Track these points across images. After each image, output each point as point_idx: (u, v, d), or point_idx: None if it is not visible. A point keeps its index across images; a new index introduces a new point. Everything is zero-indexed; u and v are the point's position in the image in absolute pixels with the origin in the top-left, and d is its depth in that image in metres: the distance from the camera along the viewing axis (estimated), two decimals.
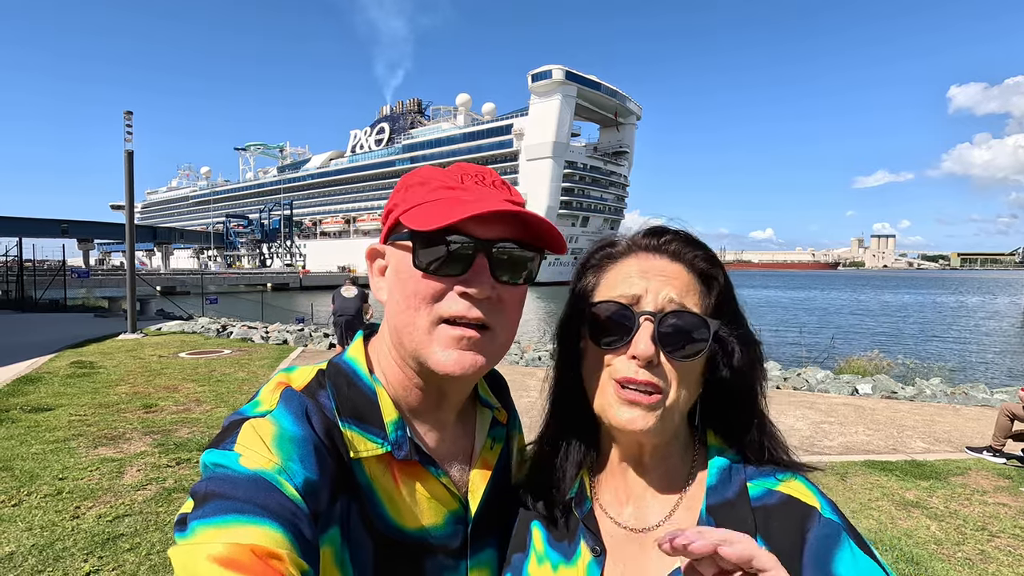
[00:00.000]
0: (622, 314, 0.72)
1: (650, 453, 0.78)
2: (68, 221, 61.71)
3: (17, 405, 6.98)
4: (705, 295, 0.74)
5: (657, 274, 0.73)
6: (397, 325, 0.73)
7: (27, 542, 3.59)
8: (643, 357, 0.69)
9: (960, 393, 9.37)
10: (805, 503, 0.68)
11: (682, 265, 0.75)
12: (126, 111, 15.15)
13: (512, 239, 0.71)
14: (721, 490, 0.73)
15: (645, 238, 0.78)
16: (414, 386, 0.77)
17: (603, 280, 0.78)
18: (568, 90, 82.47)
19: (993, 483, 5.24)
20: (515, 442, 0.95)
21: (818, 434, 6.84)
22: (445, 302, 0.70)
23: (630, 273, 0.75)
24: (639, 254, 0.77)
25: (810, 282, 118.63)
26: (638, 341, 0.70)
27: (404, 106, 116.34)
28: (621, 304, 0.72)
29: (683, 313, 0.71)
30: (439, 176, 0.74)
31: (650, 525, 0.76)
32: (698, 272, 0.75)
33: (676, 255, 0.75)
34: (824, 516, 0.66)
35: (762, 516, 0.69)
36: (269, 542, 0.55)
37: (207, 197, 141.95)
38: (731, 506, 0.71)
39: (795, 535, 0.66)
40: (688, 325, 0.71)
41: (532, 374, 10.52)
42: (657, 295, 0.72)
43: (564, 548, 0.79)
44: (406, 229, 0.71)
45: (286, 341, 14.10)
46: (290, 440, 0.65)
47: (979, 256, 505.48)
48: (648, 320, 0.70)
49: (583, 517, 0.79)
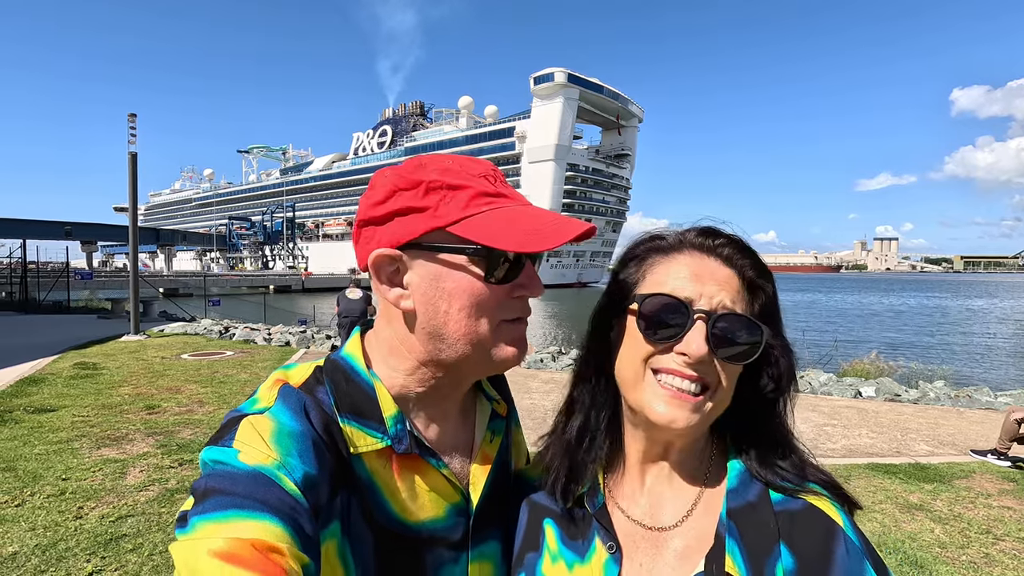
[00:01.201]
0: (676, 309, 0.71)
1: (676, 452, 0.77)
2: (72, 223, 62.03)
3: (21, 406, 7.00)
4: (750, 304, 0.73)
5: (710, 276, 0.72)
6: (453, 332, 0.72)
7: (30, 542, 3.59)
8: (695, 356, 0.68)
9: (964, 396, 9.33)
10: (829, 516, 0.67)
11: (733, 271, 0.74)
12: (130, 113, 15.26)
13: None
14: (742, 493, 0.72)
15: (698, 237, 0.76)
16: (430, 382, 0.77)
17: (650, 273, 0.76)
18: (570, 93, 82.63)
19: (998, 486, 5.21)
20: (513, 435, 0.95)
21: (821, 437, 6.82)
22: (506, 305, 0.73)
23: (682, 271, 0.73)
24: (692, 252, 0.75)
25: (813, 285, 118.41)
26: (691, 340, 0.69)
27: (406, 109, 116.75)
28: (676, 299, 0.71)
29: (737, 316, 0.70)
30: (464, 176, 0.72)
31: (665, 525, 0.75)
32: (746, 280, 0.74)
33: (728, 259, 0.74)
34: (848, 537, 0.65)
35: (785, 521, 0.68)
36: (269, 536, 0.55)
37: (210, 199, 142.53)
38: (752, 509, 0.70)
39: (821, 548, 0.65)
40: (741, 328, 0.70)
41: (534, 376, 10.52)
42: (711, 296, 0.71)
43: (578, 546, 0.78)
44: (461, 242, 0.70)
45: (288, 343, 14.13)
46: (288, 436, 0.65)
47: (982, 259, 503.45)
48: (702, 319, 0.69)
49: (596, 512, 0.79)
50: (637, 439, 0.79)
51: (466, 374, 0.78)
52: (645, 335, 0.72)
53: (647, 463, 0.79)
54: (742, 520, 0.70)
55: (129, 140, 14.88)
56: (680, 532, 0.75)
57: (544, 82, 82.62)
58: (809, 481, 0.72)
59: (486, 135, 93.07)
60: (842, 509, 0.69)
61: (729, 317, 0.70)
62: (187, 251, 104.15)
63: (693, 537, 0.73)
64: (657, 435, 0.76)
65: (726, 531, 0.70)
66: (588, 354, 0.82)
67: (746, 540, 0.69)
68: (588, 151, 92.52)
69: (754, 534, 0.69)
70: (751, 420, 0.76)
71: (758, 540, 0.68)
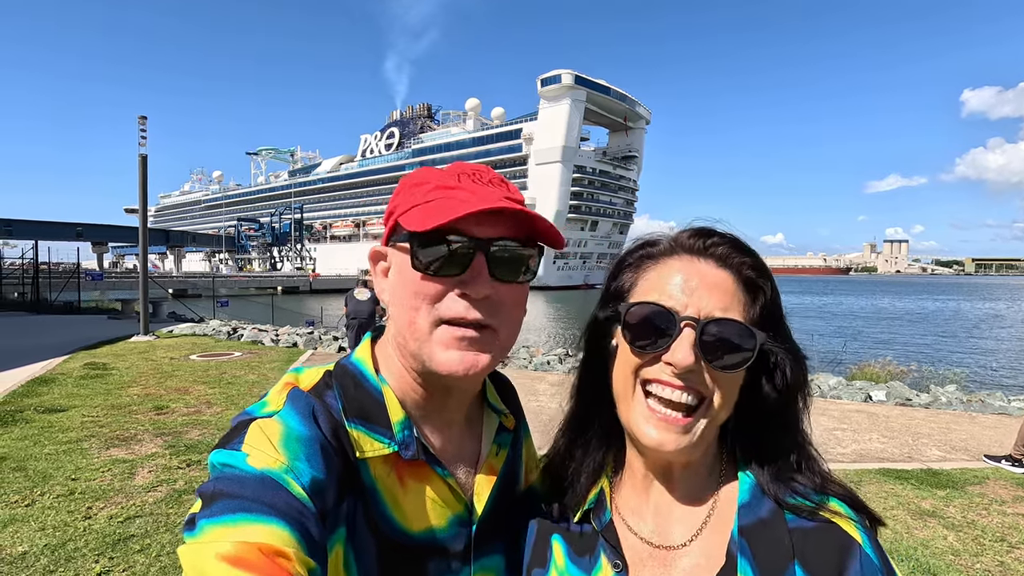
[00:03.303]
0: (662, 317, 0.67)
1: (680, 468, 0.74)
2: (83, 224, 62.83)
3: (31, 406, 7.07)
4: (750, 305, 0.69)
5: (701, 279, 0.69)
6: (399, 326, 0.73)
7: (40, 542, 3.62)
8: (681, 365, 0.65)
9: (977, 401, 9.22)
10: (847, 532, 0.64)
11: (728, 271, 0.70)
12: (140, 116, 15.37)
13: (510, 237, 0.70)
14: (755, 509, 0.69)
15: (691, 239, 0.73)
16: (419, 386, 0.76)
17: (642, 280, 0.73)
18: (577, 94, 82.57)
19: (1012, 493, 5.13)
20: (523, 448, 0.93)
21: (831, 441, 6.75)
22: (445, 303, 0.69)
23: (672, 275, 0.70)
24: (683, 256, 0.72)
25: (822, 287, 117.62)
26: (676, 348, 0.66)
27: (414, 111, 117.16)
28: (662, 307, 0.68)
29: (727, 321, 0.66)
30: (436, 176, 0.74)
31: (674, 543, 0.72)
32: (744, 280, 0.70)
33: (723, 260, 0.70)
34: (866, 553, 0.62)
35: (800, 539, 0.65)
36: (277, 540, 0.55)
37: (219, 201, 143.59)
38: (765, 525, 0.67)
39: (836, 566, 0.62)
40: (732, 334, 0.66)
41: (542, 378, 10.49)
42: (700, 301, 0.67)
43: (585, 563, 0.76)
44: (405, 231, 0.70)
45: (296, 344, 14.19)
46: (297, 440, 0.65)
47: (994, 261, 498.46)
48: (690, 326, 0.66)
49: (602, 529, 0.76)
50: (640, 455, 0.76)
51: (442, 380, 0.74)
52: (632, 346, 0.69)
53: (653, 479, 0.76)
54: (754, 538, 0.67)
55: (139, 142, 15.00)
56: (689, 551, 0.71)
57: (551, 84, 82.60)
58: (828, 496, 0.68)
59: (493, 137, 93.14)
60: (861, 526, 0.65)
61: (720, 323, 0.66)
62: (196, 252, 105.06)
63: (703, 556, 0.70)
64: (652, 454, 0.73)
65: (738, 550, 0.67)
66: (584, 368, 0.80)
67: (759, 559, 0.66)
68: (595, 153, 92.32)
69: (767, 552, 0.65)
70: (761, 431, 0.72)
71: (771, 559, 0.65)
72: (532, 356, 12.79)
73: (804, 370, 0.72)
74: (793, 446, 0.72)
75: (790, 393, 0.71)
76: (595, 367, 0.78)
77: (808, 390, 0.73)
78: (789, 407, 0.72)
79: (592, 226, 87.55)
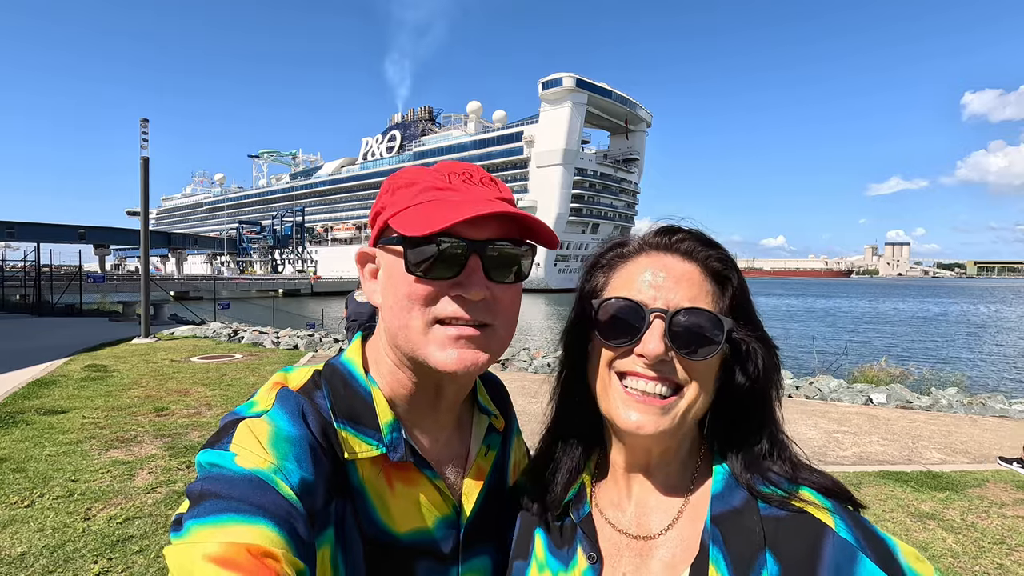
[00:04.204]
0: (632, 311, 0.69)
1: (657, 458, 0.75)
2: (86, 227, 62.92)
3: (32, 407, 7.08)
4: (719, 296, 0.71)
5: (668, 272, 0.71)
6: (392, 327, 0.73)
7: (39, 543, 3.62)
8: (651, 356, 0.67)
9: (977, 403, 9.18)
10: (818, 519, 0.64)
11: (695, 264, 0.72)
12: (142, 119, 15.40)
13: (503, 238, 0.70)
14: (728, 498, 0.70)
15: (656, 236, 0.75)
16: (411, 386, 0.76)
17: (613, 279, 0.76)
18: (578, 97, 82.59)
19: (1012, 495, 5.11)
20: (513, 450, 0.93)
21: (831, 444, 6.73)
22: (440, 304, 0.69)
23: (640, 271, 0.72)
24: (650, 253, 0.74)
25: (823, 290, 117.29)
26: (647, 340, 0.68)
27: (415, 113, 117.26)
28: (631, 301, 0.70)
29: (695, 311, 0.68)
30: (426, 176, 0.73)
31: (652, 533, 0.74)
32: (711, 272, 0.72)
33: (689, 254, 0.73)
34: (839, 536, 0.62)
35: (772, 528, 0.65)
36: (265, 541, 0.55)
37: (221, 204, 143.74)
38: (737, 515, 0.68)
39: (808, 552, 0.62)
40: (701, 323, 0.68)
41: (545, 380, 10.48)
42: (668, 294, 0.69)
43: (563, 555, 0.77)
44: (396, 234, 0.70)
45: (296, 346, 14.18)
46: (286, 440, 0.65)
47: (996, 264, 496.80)
48: (659, 317, 0.68)
49: (580, 521, 0.77)
50: (619, 448, 0.78)
51: (435, 379, 0.74)
52: (604, 341, 0.71)
53: (632, 471, 0.77)
54: (727, 527, 0.67)
55: (141, 145, 15.03)
56: (666, 540, 0.73)
57: (552, 87, 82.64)
58: (800, 484, 0.69)
59: (494, 140, 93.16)
60: (836, 511, 0.66)
61: (688, 312, 0.68)
62: (198, 255, 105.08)
63: (679, 546, 0.71)
64: (632, 442, 0.74)
65: (710, 539, 0.68)
66: (564, 368, 0.81)
67: (730, 548, 0.66)
68: (596, 156, 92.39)
69: (739, 541, 0.66)
70: (735, 421, 0.73)
71: (743, 548, 0.65)
72: (533, 358, 12.79)
73: (775, 358, 0.73)
74: (766, 435, 0.73)
75: (762, 382, 0.72)
76: (574, 367, 0.79)
77: (780, 379, 0.74)
78: (761, 396, 0.73)
79: (593, 229, 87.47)
